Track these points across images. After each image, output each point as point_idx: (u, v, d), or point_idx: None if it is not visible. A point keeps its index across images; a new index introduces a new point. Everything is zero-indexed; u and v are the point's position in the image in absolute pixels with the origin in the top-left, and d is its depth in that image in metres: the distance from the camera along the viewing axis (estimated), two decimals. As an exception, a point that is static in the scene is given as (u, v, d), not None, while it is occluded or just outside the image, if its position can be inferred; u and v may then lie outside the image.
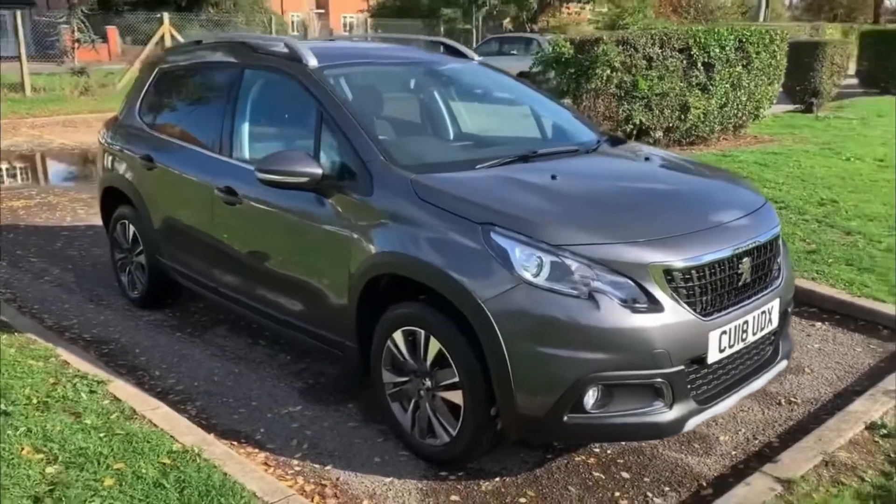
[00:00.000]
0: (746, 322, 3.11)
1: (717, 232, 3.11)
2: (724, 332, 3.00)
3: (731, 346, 3.05)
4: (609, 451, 3.38)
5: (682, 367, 2.88)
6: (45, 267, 6.16)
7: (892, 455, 3.21)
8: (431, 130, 4.40)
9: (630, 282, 2.84)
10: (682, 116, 10.43)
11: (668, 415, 2.90)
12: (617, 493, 3.10)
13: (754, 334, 3.17)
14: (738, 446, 3.42)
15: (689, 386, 2.94)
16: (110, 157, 5.28)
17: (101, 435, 3.35)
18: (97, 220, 6.01)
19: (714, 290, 3.00)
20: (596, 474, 3.23)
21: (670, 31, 10.18)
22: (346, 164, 3.50)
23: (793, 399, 3.84)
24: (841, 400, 3.78)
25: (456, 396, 3.08)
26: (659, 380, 2.85)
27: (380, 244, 3.27)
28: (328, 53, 4.10)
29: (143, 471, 3.07)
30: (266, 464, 3.33)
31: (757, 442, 3.45)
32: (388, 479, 3.22)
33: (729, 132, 11.60)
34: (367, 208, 3.34)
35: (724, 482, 3.14)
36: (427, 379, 3.21)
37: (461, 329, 3.00)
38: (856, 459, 3.15)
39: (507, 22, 35.46)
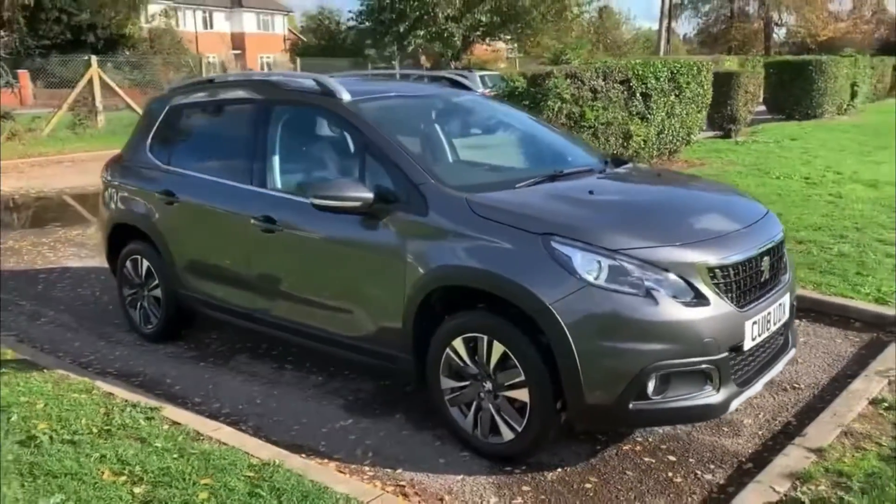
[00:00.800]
0: (769, 313, 3.53)
1: (741, 235, 3.53)
2: (755, 322, 3.41)
3: (759, 335, 3.46)
4: (651, 439, 3.72)
5: (726, 353, 3.27)
6: (37, 309, 6.12)
7: None
8: (458, 156, 4.71)
9: (680, 279, 3.21)
10: (625, 143, 11.08)
11: (717, 397, 3.27)
12: (669, 474, 3.43)
13: (774, 324, 3.60)
14: (761, 427, 3.82)
15: (731, 371, 3.32)
16: (118, 195, 5.37)
17: (175, 455, 3.47)
18: (70, 263, 6.05)
19: (745, 285, 3.41)
20: (646, 459, 3.56)
21: (612, 64, 10.86)
22: (395, 188, 3.77)
23: (796, 385, 4.29)
24: (838, 382, 4.26)
25: (521, 394, 3.36)
26: (708, 366, 3.22)
27: (439, 259, 3.54)
28: (355, 89, 4.37)
29: (233, 484, 3.22)
30: (340, 471, 3.52)
31: (777, 422, 3.86)
32: (458, 477, 3.46)
33: (665, 157, 12.36)
34: (423, 227, 3.62)
35: (760, 457, 3.52)
36: (487, 381, 3.49)
37: (524, 331, 3.31)
38: (868, 429, 3.60)
39: (423, 59, 36.37)
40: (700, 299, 3.21)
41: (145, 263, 5.18)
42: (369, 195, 3.72)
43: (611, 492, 3.32)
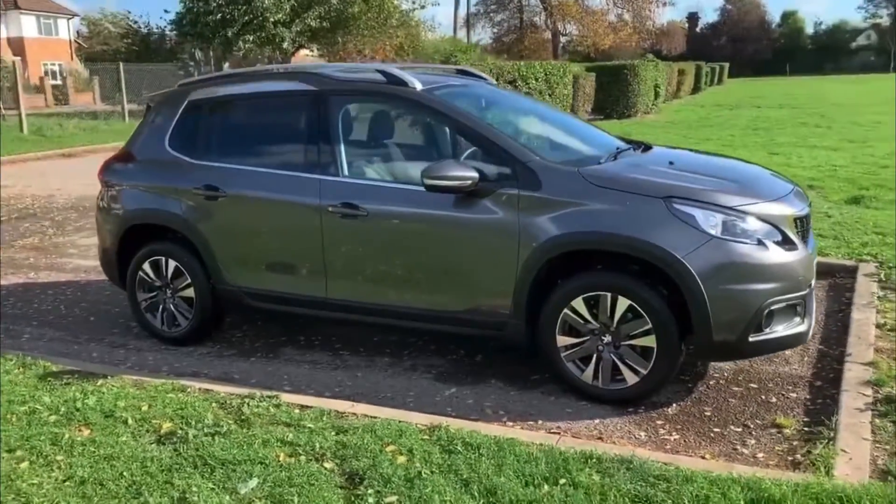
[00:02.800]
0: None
1: (794, 195, 4.23)
2: (815, 265, 4.14)
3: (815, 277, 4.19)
4: (725, 374, 4.33)
5: (807, 289, 3.95)
6: (35, 330, 5.62)
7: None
8: (526, 138, 5.01)
9: (776, 229, 3.84)
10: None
11: (803, 326, 3.94)
12: (763, 397, 4.06)
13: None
14: (801, 356, 4.55)
15: (808, 303, 4.01)
16: (132, 196, 5.15)
17: (335, 432, 3.56)
18: (41, 279, 5.61)
19: (807, 233, 4.12)
20: (735, 389, 4.16)
21: (502, 65, 11.60)
22: (499, 166, 4.08)
23: (802, 323, 5.13)
24: (833, 317, 5.14)
25: (647, 341, 3.82)
26: (798, 300, 3.88)
27: (560, 228, 3.90)
28: (417, 78, 4.58)
29: (419, 447, 3.38)
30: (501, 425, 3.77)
31: (811, 350, 4.62)
32: (595, 421, 3.85)
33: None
34: (537, 200, 3.96)
35: (821, 376, 4.24)
36: (607, 335, 3.92)
37: (649, 284, 3.79)
38: (889, 346, 4.46)
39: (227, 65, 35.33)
40: (791, 245, 3.86)
41: (172, 263, 5.01)
42: (475, 174, 4.00)
43: (729, 414, 3.87)
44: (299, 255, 4.64)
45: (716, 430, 3.73)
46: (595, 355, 3.98)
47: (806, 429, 3.67)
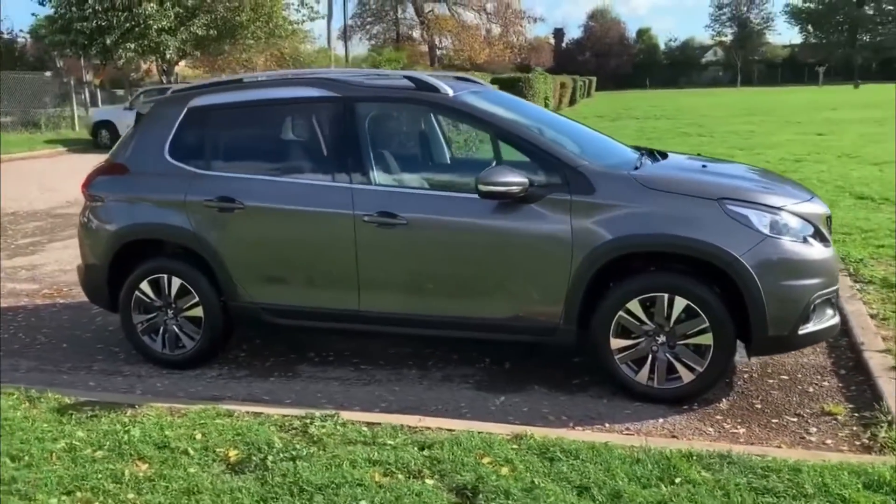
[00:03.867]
0: None
1: (817, 198, 4.48)
2: None
3: (837, 272, 4.46)
4: (753, 368, 4.51)
5: (838, 284, 4.20)
6: (6, 360, 5.07)
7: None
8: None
9: (814, 227, 4.06)
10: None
11: (836, 319, 4.17)
12: (800, 387, 4.26)
13: None
14: (814, 349, 4.76)
15: (838, 298, 4.26)
16: (129, 209, 4.77)
17: (418, 448, 3.44)
18: None
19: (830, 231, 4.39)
20: (770, 381, 4.34)
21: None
22: (547, 171, 4.09)
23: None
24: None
25: (704, 339, 3.93)
26: (834, 294, 4.12)
27: (616, 231, 3.94)
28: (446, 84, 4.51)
29: (513, 455, 3.33)
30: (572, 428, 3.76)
31: (821, 343, 4.89)
32: (658, 420, 3.91)
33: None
34: (591, 204, 3.99)
35: (843, 364, 4.50)
36: (661, 335, 4.01)
37: (704, 283, 3.91)
38: (891, 334, 4.79)
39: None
40: (826, 241, 4.09)
41: (176, 281, 4.67)
42: (526, 180, 4.00)
43: (778, 406, 4.03)
44: (329, 268, 4.45)
45: (774, 421, 3.89)
46: (650, 356, 4.05)
47: (856, 414, 3.89)
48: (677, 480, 3.10)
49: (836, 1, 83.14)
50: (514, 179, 3.96)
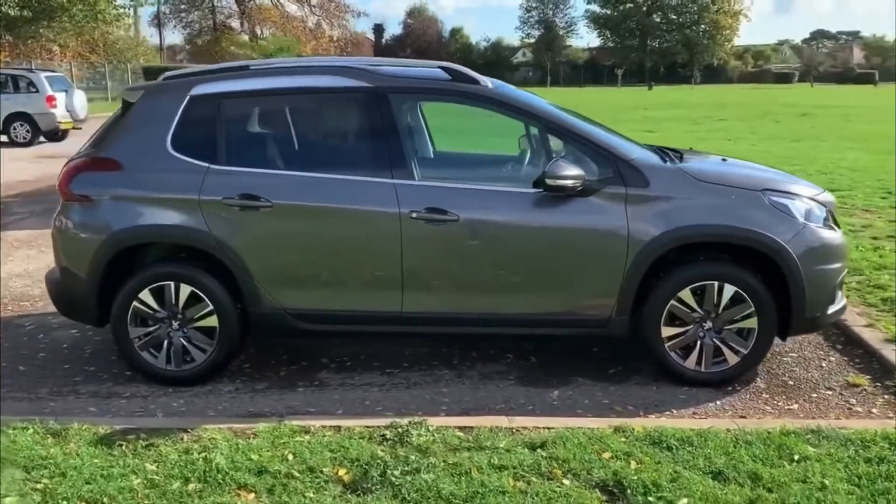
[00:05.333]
0: None
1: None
2: None
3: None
4: (777, 352, 4.77)
5: (847, 268, 4.59)
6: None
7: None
8: None
9: (831, 216, 4.41)
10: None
11: (844, 301, 4.56)
12: (815, 362, 4.61)
13: None
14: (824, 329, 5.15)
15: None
16: (126, 210, 4.20)
17: (527, 452, 3.35)
18: None
19: (836, 221, 4.78)
20: (785, 360, 4.65)
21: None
22: (600, 165, 4.12)
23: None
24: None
25: (749, 323, 4.15)
26: (844, 277, 4.50)
27: (672, 223, 4.04)
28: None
29: (624, 449, 3.34)
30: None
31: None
32: (719, 402, 4.08)
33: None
34: (646, 198, 4.07)
35: (834, 340, 4.91)
36: (708, 321, 4.18)
37: (749, 271, 4.13)
38: (866, 310, 5.30)
39: None
40: (839, 228, 4.47)
41: (185, 289, 4.20)
42: (583, 173, 4.02)
43: (808, 381, 4.34)
44: (369, 268, 4.20)
45: (814, 395, 4.19)
46: (698, 342, 4.20)
47: (878, 384, 4.28)
48: (795, 458, 3.25)
49: (630, 8, 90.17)
50: (577, 173, 3.96)
